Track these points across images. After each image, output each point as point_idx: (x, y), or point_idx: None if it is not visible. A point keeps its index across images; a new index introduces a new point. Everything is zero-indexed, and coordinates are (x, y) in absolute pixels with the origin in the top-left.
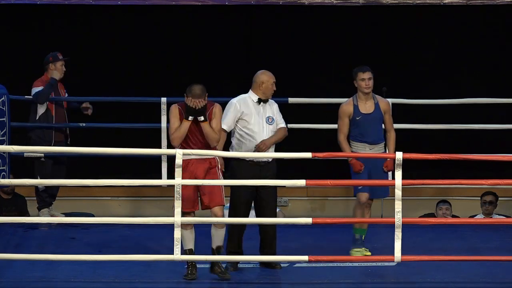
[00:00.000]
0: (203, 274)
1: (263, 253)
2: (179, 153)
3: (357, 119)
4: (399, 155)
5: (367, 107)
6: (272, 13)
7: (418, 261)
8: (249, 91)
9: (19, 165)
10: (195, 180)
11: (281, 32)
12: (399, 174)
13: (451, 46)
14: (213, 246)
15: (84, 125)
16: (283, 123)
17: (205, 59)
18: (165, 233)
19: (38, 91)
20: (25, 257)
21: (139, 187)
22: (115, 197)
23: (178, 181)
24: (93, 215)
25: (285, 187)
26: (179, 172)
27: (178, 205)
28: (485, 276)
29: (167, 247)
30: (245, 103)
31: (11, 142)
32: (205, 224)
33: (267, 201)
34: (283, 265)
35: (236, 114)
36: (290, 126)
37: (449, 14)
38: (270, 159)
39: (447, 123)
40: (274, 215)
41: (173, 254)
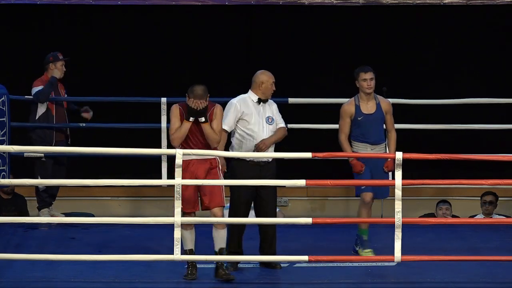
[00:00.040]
0: (203, 274)
1: (263, 253)
2: (179, 153)
3: (359, 119)
4: (399, 155)
5: (368, 107)
6: (272, 13)
7: (418, 261)
8: (249, 91)
9: (19, 165)
10: (194, 180)
11: (281, 32)
12: (399, 174)
13: (451, 46)
14: (216, 249)
15: (84, 125)
16: (282, 123)
17: (205, 59)
18: (165, 233)
19: (38, 90)
20: (25, 257)
21: (139, 187)
22: (115, 197)
23: (178, 181)
24: (93, 215)
25: (285, 187)
26: (179, 172)
27: (178, 205)
28: (485, 276)
29: (167, 247)
30: (245, 103)
31: (11, 142)
32: (205, 224)
33: (267, 201)
34: (283, 265)
35: (236, 114)
36: (290, 126)
37: (449, 14)
38: (270, 159)
39: (447, 123)
40: (274, 215)
41: (173, 254)
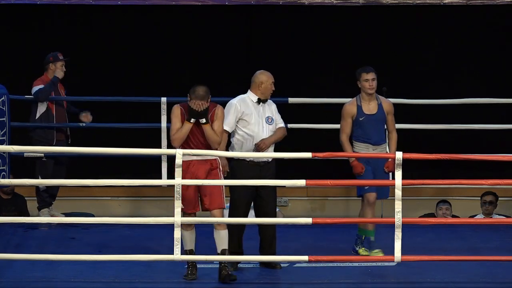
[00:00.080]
0: (203, 274)
1: (263, 253)
2: (179, 153)
3: (361, 119)
4: (399, 155)
5: (370, 107)
6: (272, 13)
7: (418, 261)
8: (248, 91)
9: (19, 165)
10: (194, 180)
11: (281, 32)
12: (399, 174)
13: (451, 46)
14: (218, 250)
15: (84, 125)
16: (282, 123)
17: (205, 59)
18: (165, 233)
19: (38, 88)
20: (25, 257)
21: (139, 187)
22: (115, 197)
23: (178, 181)
24: (93, 215)
25: (285, 187)
26: (179, 172)
27: (178, 205)
28: (485, 276)
29: (167, 247)
30: (244, 103)
31: (11, 142)
32: (205, 224)
33: (267, 201)
34: (283, 265)
35: (237, 114)
36: (290, 126)
37: (449, 14)
38: (270, 159)
39: (447, 123)
40: (274, 215)
41: (173, 254)
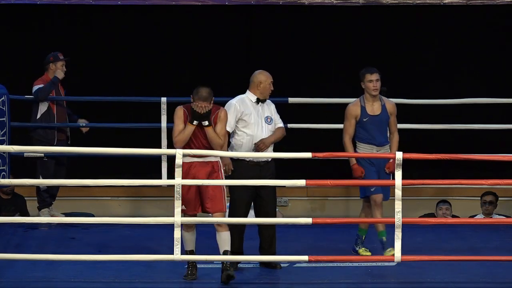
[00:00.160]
0: (203, 274)
1: (263, 253)
2: (179, 153)
3: (364, 120)
4: (399, 155)
5: (374, 108)
6: (272, 13)
7: (418, 261)
8: (247, 91)
9: (19, 165)
10: (194, 180)
11: (281, 32)
12: (399, 174)
13: (451, 46)
14: (221, 251)
15: (84, 125)
16: (281, 123)
17: (205, 59)
18: (165, 233)
19: (39, 87)
20: (25, 257)
21: (139, 187)
22: (115, 197)
23: (178, 181)
24: (93, 215)
25: (285, 187)
26: (179, 172)
27: (178, 205)
28: (485, 276)
29: (167, 247)
30: (244, 103)
31: (11, 142)
32: (205, 224)
33: (267, 201)
34: (283, 265)
35: (236, 114)
36: (290, 126)
37: (449, 14)
38: (269, 159)
39: (447, 123)
40: (274, 215)
41: (173, 254)
